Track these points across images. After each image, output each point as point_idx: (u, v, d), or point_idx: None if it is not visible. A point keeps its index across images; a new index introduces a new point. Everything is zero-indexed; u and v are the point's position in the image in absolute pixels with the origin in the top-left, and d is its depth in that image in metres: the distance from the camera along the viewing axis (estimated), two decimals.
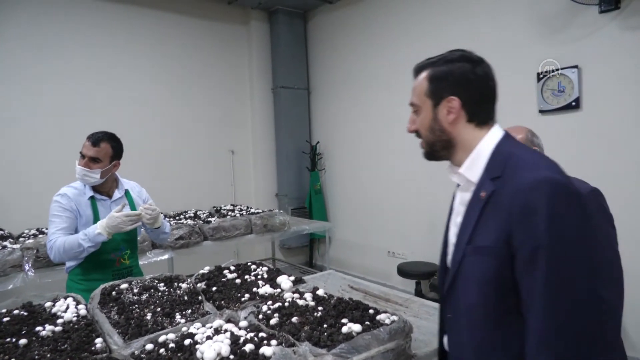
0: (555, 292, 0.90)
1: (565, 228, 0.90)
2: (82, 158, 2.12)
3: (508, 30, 3.55)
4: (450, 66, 1.10)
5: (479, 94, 1.09)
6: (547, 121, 3.38)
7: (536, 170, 0.96)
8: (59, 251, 2.02)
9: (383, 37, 4.73)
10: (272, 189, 5.69)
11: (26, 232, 3.36)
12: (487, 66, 1.11)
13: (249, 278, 1.97)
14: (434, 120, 1.12)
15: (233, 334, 1.35)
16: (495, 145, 1.07)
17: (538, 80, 3.38)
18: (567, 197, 0.92)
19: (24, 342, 1.37)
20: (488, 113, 1.11)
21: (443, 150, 1.14)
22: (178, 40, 4.97)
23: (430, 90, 1.12)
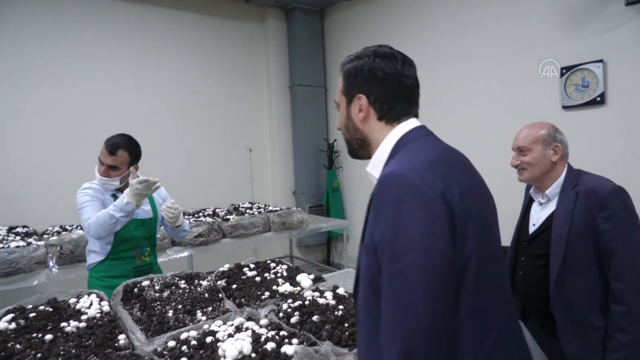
0: (392, 296, 0.86)
1: (398, 226, 0.87)
2: (100, 165, 2.15)
3: (530, 24, 3.47)
4: (360, 62, 1.06)
5: (389, 92, 1.05)
6: (570, 117, 3.30)
7: (389, 168, 0.95)
8: (95, 227, 2.02)
9: (400, 35, 4.68)
10: (289, 187, 5.70)
11: (50, 229, 3.43)
12: (400, 63, 1.06)
13: (269, 276, 1.97)
14: (348, 118, 1.10)
15: (254, 332, 1.35)
16: (396, 141, 1.04)
17: (561, 75, 3.30)
18: (409, 195, 0.88)
19: (49, 338, 1.39)
20: (401, 110, 1.07)
21: (360, 149, 1.12)
22: (195, 39, 5.01)
23: (344, 87, 1.10)
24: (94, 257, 2.20)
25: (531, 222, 1.85)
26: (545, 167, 1.74)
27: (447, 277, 0.86)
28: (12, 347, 1.34)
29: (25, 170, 3.93)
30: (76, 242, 2.83)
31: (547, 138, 1.74)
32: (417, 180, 0.88)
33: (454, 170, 0.97)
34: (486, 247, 0.95)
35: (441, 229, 0.87)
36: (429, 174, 0.91)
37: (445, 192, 0.89)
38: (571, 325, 1.62)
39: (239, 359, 1.21)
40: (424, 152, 0.99)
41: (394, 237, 0.87)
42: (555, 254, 1.64)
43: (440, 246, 0.86)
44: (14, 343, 1.36)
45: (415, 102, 1.10)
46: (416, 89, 1.10)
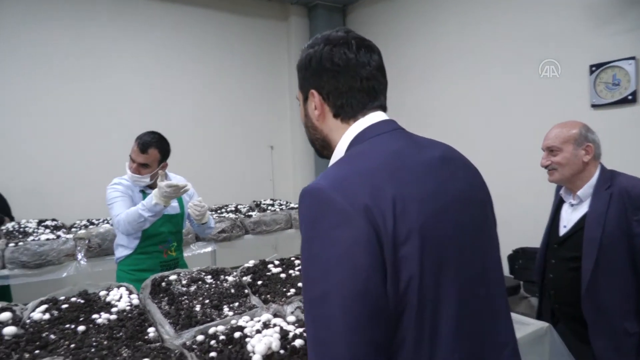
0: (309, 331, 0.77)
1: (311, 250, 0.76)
2: (132, 162, 2.20)
3: (559, 21, 3.40)
4: (311, 52, 0.93)
5: (342, 85, 0.90)
6: (600, 116, 3.22)
7: (315, 180, 0.82)
8: (124, 223, 2.09)
9: (424, 32, 4.64)
10: None
11: (78, 223, 3.51)
12: (354, 49, 0.90)
13: (293, 273, 1.97)
14: (306, 116, 0.98)
15: (282, 329, 1.35)
16: (348, 145, 0.90)
17: (590, 72, 3.22)
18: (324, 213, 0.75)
19: (82, 329, 1.42)
20: (357, 105, 0.91)
21: (323, 149, 0.99)
22: (218, 37, 5.05)
23: (299, 82, 0.98)
24: (122, 250, 2.26)
25: (561, 224, 1.81)
26: (576, 167, 1.70)
27: (370, 309, 0.72)
28: (47, 337, 1.38)
29: (54, 165, 4.04)
30: (103, 235, 2.90)
31: (579, 137, 1.70)
32: (333, 195, 0.75)
33: (397, 178, 0.78)
34: (436, 272, 0.77)
35: (359, 253, 0.72)
36: (353, 185, 0.76)
37: (370, 208, 0.73)
38: (603, 330, 1.59)
39: (267, 355, 1.21)
40: (367, 156, 0.83)
41: (308, 263, 0.77)
42: (588, 257, 1.60)
43: (358, 272, 0.72)
44: (49, 333, 1.40)
45: (378, 93, 0.94)
46: (377, 78, 0.94)
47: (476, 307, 0.83)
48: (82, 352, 1.29)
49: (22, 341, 1.34)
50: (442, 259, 0.78)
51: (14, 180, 3.77)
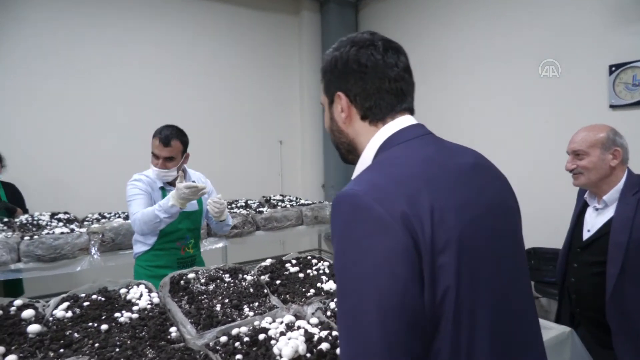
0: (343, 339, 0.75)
1: (346, 258, 0.75)
2: (155, 158, 2.18)
3: (579, 19, 3.34)
4: (337, 55, 0.92)
5: (369, 86, 0.89)
6: (618, 117, 3.18)
7: (349, 185, 0.80)
8: (140, 223, 2.10)
9: (435, 27, 4.59)
10: (319, 180, 5.70)
11: (90, 217, 3.51)
12: (381, 50, 0.90)
13: (311, 272, 1.96)
14: (332, 120, 0.97)
15: (307, 332, 1.35)
16: (377, 149, 0.89)
17: (610, 73, 3.18)
18: (359, 220, 0.74)
19: (105, 328, 1.42)
20: (386, 107, 0.90)
21: (349, 154, 0.98)
22: (229, 31, 5.02)
23: (324, 86, 0.97)
24: (140, 246, 2.26)
25: (585, 228, 1.79)
26: (603, 172, 1.68)
27: (407, 320, 0.71)
28: (71, 335, 1.37)
29: (66, 158, 4.04)
30: (117, 230, 2.89)
31: (606, 142, 1.68)
32: (370, 201, 0.73)
33: (434, 185, 0.77)
34: (472, 283, 0.75)
35: (397, 262, 0.71)
36: (391, 192, 0.74)
37: (408, 216, 0.72)
38: (627, 336, 1.58)
39: (294, 359, 1.21)
40: (399, 162, 0.82)
41: (343, 272, 0.75)
42: (613, 262, 1.58)
43: (395, 283, 0.70)
44: (72, 331, 1.40)
45: (406, 95, 0.93)
46: (405, 79, 0.92)
47: (509, 317, 0.82)
48: (107, 352, 1.29)
49: (47, 339, 1.34)
50: (478, 269, 0.77)
51: (28, 174, 3.78)
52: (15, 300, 1.56)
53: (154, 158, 2.19)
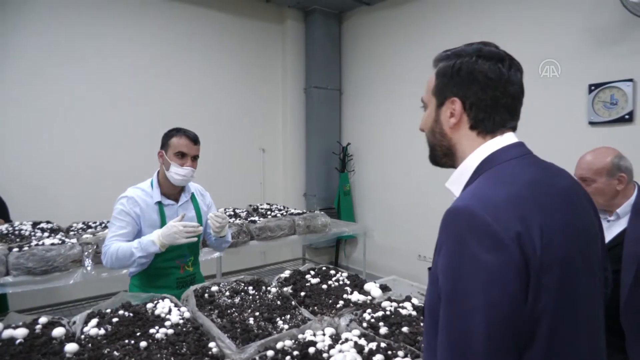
0: (446, 343, 0.78)
1: (460, 270, 0.78)
2: (180, 158, 2.04)
3: (561, 40, 3.55)
4: (459, 61, 0.94)
5: (489, 99, 0.91)
6: (597, 133, 3.39)
7: (461, 199, 0.84)
8: (112, 258, 1.95)
9: (418, 42, 4.73)
10: (300, 189, 5.70)
11: (75, 226, 3.36)
12: (507, 66, 0.92)
13: (333, 284, 1.97)
14: (436, 121, 0.99)
15: (357, 344, 1.36)
16: (481, 162, 0.92)
17: (589, 91, 3.39)
18: (477, 235, 0.77)
19: (144, 345, 1.37)
20: (499, 121, 0.93)
21: (444, 156, 1.01)
22: (212, 38, 4.95)
23: (436, 87, 0.98)
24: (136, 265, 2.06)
25: None
26: (609, 196, 1.78)
27: (511, 336, 0.75)
28: (110, 353, 1.32)
29: (46, 165, 3.85)
30: None
31: (611, 169, 1.76)
32: (488, 218, 0.77)
33: (542, 207, 0.81)
34: (567, 304, 0.80)
35: (510, 279, 0.75)
36: (505, 211, 0.78)
37: (522, 235, 0.76)
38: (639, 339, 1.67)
39: None
40: (509, 180, 0.85)
41: (454, 282, 0.78)
42: (627, 271, 1.68)
43: (506, 299, 0.74)
44: (110, 349, 1.34)
45: (517, 113, 0.95)
46: (520, 98, 0.95)
47: (595, 344, 0.87)
48: None
49: (85, 359, 1.29)
50: (576, 291, 0.82)
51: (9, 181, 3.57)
52: (40, 317, 1.48)
53: (178, 158, 2.04)
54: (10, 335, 1.36)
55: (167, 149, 2.07)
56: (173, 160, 2.04)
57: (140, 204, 2.05)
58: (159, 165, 2.13)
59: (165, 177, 2.08)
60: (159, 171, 2.14)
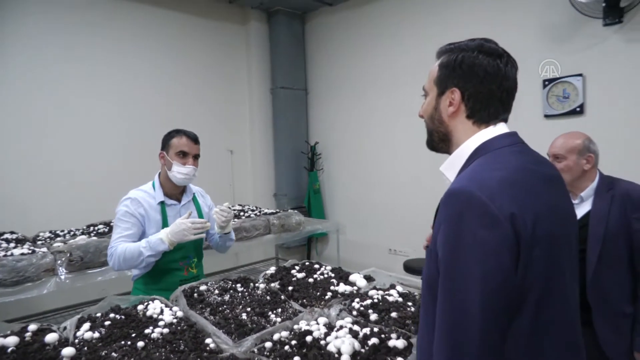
0: (445, 311, 0.88)
1: (459, 245, 0.87)
2: (182, 157, 2.06)
3: (515, 38, 3.75)
4: (461, 55, 1.02)
5: (485, 91, 1.00)
6: (551, 125, 3.61)
7: (459, 181, 0.93)
8: (119, 259, 1.95)
9: (381, 42, 4.86)
10: (270, 189, 5.71)
11: (42, 235, 3.24)
12: (505, 62, 1.01)
13: (318, 277, 2.03)
14: (435, 109, 1.08)
15: (352, 330, 1.42)
16: (476, 147, 1.01)
17: (544, 86, 3.61)
18: (475, 214, 0.86)
19: (141, 345, 1.38)
20: (493, 112, 1.02)
21: (440, 142, 1.10)
22: (176, 39, 4.88)
23: (438, 77, 1.07)
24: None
25: None
26: (576, 174, 1.93)
27: (503, 303, 0.84)
28: (108, 355, 1.32)
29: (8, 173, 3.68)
30: (85, 248, 2.72)
31: (582, 149, 1.93)
32: (484, 199, 0.85)
33: (531, 190, 0.91)
34: (553, 276, 0.90)
35: (503, 254, 0.84)
36: (500, 192, 0.87)
37: (515, 215, 0.85)
38: (605, 314, 1.81)
39: (351, 355, 1.27)
40: (501, 166, 0.94)
41: (453, 254, 0.87)
42: (592, 251, 1.81)
43: (499, 271, 0.83)
44: (107, 352, 1.34)
45: (510, 106, 1.05)
46: (513, 93, 1.05)
47: (574, 305, 0.99)
48: None
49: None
50: (560, 264, 0.93)
51: None
52: (29, 325, 1.45)
53: (181, 157, 2.07)
54: (1, 344, 1.33)
55: (168, 149, 2.11)
56: (175, 160, 2.07)
57: (144, 205, 2.08)
58: (160, 167, 2.19)
59: (167, 178, 2.11)
60: (160, 173, 2.18)
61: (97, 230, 3.34)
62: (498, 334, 0.85)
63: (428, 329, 0.97)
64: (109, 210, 3.87)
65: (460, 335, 0.84)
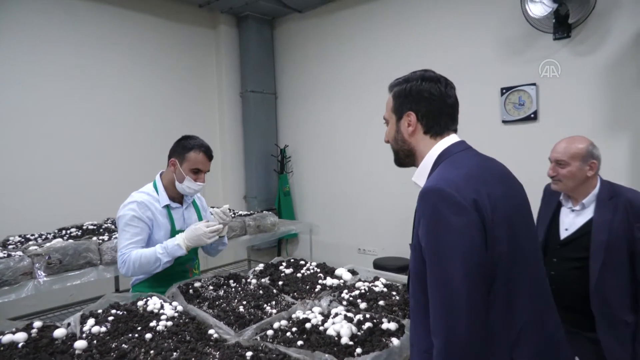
0: (436, 289, 1.06)
1: (438, 231, 1.06)
2: (195, 173, 2.07)
3: (475, 48, 4.03)
4: (408, 85, 1.25)
5: (434, 109, 1.22)
6: (508, 130, 3.91)
7: (430, 181, 1.14)
8: (134, 266, 1.92)
9: (348, 48, 5.04)
10: (240, 192, 5.76)
11: (11, 239, 3.17)
12: (444, 85, 1.24)
13: (305, 272, 2.15)
14: (397, 132, 1.29)
15: (346, 316, 1.55)
16: (438, 154, 1.22)
17: (501, 94, 3.90)
18: (446, 205, 1.05)
19: (149, 337, 1.45)
20: (444, 125, 1.24)
21: (406, 158, 1.30)
22: (144, 42, 4.85)
23: (394, 106, 1.29)
24: None
25: (562, 227, 2.00)
26: (579, 181, 1.90)
27: (481, 273, 1.04)
28: (118, 347, 1.38)
29: None
30: (64, 250, 2.70)
31: (586, 155, 1.88)
32: (452, 192, 1.06)
33: (486, 182, 1.12)
34: (515, 249, 1.10)
35: (474, 233, 1.04)
36: (463, 186, 1.07)
37: (477, 202, 1.06)
38: (609, 322, 1.81)
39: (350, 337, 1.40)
40: (461, 165, 1.16)
41: (435, 240, 1.06)
42: (596, 258, 1.81)
43: (474, 248, 1.03)
44: (117, 344, 1.40)
45: (456, 118, 1.28)
46: (456, 107, 1.28)
47: (539, 282, 1.19)
48: (169, 356, 1.34)
49: (96, 354, 1.34)
50: (518, 241, 1.13)
51: None
52: (34, 322, 1.49)
53: (194, 173, 2.07)
54: (10, 340, 1.36)
55: (182, 160, 2.09)
56: (188, 175, 2.07)
57: (151, 209, 2.07)
58: (166, 170, 2.19)
59: (172, 183, 2.11)
60: (164, 176, 2.17)
61: (70, 233, 3.30)
62: (480, 299, 1.05)
63: (420, 315, 1.14)
64: (79, 214, 3.85)
65: (451, 303, 1.03)
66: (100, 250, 2.85)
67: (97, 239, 2.94)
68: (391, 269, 4.27)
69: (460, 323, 1.01)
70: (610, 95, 3.40)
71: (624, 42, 3.31)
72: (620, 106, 3.35)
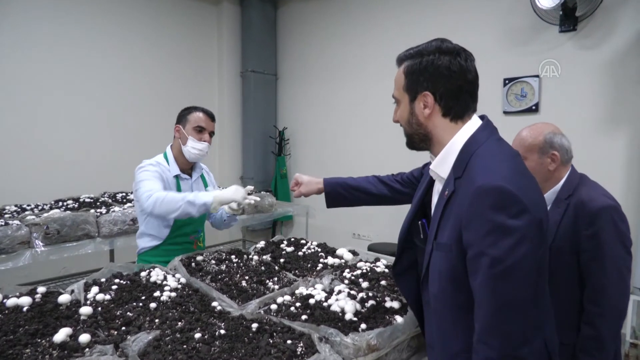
0: (492, 297, 0.95)
1: (502, 237, 0.93)
2: (198, 132, 2.07)
3: (479, 38, 4.01)
4: (424, 60, 1.09)
5: (454, 88, 1.07)
6: (509, 121, 3.92)
7: (486, 175, 0.98)
8: (159, 201, 1.81)
9: (351, 31, 5.00)
10: (237, 172, 5.75)
11: (7, 209, 3.14)
12: (464, 58, 1.09)
13: (306, 251, 2.16)
14: (411, 114, 1.13)
15: (349, 293, 1.57)
16: (464, 143, 1.08)
17: (504, 85, 3.90)
18: (508, 205, 0.94)
19: (154, 306, 1.46)
20: (465, 107, 1.10)
21: (421, 142, 1.15)
22: (145, 18, 4.77)
23: (406, 85, 1.12)
24: (148, 240, 2.10)
25: None
26: (541, 175, 1.62)
27: (541, 276, 0.98)
28: (122, 315, 1.39)
29: None
30: (62, 221, 2.69)
31: (543, 146, 1.62)
32: (513, 190, 0.94)
33: (528, 175, 1.05)
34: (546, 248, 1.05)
35: (536, 235, 0.95)
36: (521, 185, 0.96)
37: (539, 204, 0.98)
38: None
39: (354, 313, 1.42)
40: (504, 157, 1.04)
41: (495, 244, 0.93)
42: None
43: (537, 251, 0.95)
44: (122, 312, 1.41)
45: (476, 95, 1.13)
46: (477, 82, 1.12)
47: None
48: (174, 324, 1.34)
49: (101, 320, 1.35)
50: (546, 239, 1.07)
51: None
52: (38, 287, 1.49)
53: (197, 132, 2.08)
54: (15, 304, 1.36)
55: (185, 123, 2.12)
56: (191, 135, 2.08)
57: (163, 176, 2.07)
58: (173, 140, 2.19)
59: (180, 153, 2.13)
60: (173, 146, 2.18)
61: (67, 205, 3.28)
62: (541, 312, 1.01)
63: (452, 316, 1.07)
64: (75, 187, 3.82)
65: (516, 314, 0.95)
66: (98, 222, 2.85)
67: (95, 212, 2.93)
68: (386, 254, 4.32)
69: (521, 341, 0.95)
70: (612, 90, 3.41)
71: (628, 38, 3.32)
72: (623, 101, 3.37)
